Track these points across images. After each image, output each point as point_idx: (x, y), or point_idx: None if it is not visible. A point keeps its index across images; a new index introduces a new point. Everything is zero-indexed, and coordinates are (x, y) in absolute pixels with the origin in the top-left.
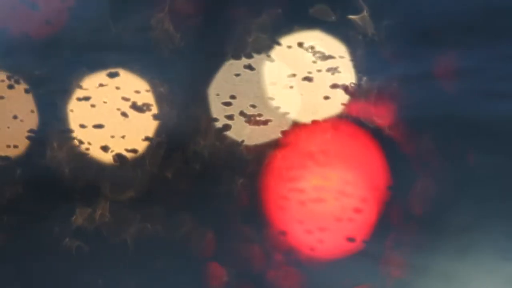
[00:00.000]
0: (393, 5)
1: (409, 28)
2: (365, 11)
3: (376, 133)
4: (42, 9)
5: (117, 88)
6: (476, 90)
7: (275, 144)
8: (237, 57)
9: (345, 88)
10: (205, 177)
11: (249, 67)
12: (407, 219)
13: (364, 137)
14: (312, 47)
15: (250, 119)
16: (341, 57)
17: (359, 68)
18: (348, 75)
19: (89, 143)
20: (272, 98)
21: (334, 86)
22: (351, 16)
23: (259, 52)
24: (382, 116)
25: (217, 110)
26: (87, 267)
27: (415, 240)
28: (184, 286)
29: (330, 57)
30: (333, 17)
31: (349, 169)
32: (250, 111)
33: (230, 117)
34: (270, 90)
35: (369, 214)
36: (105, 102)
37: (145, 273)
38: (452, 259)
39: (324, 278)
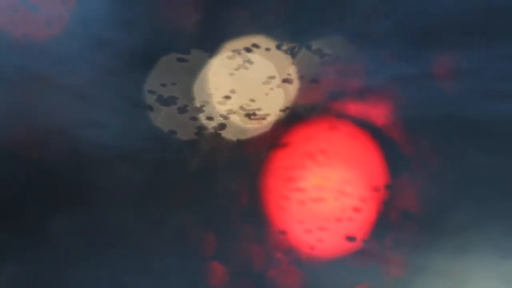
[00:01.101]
0: (393, 5)
1: (409, 28)
2: (364, 11)
3: (375, 133)
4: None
5: None
6: (476, 90)
7: (268, 145)
8: (216, 57)
9: (342, 89)
10: (205, 176)
11: (230, 66)
12: (406, 218)
13: (364, 137)
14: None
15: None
16: (336, 57)
17: (359, 68)
18: (343, 76)
19: None
20: (253, 100)
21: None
22: (349, 16)
23: (239, 53)
24: (381, 116)
25: (211, 108)
26: (85, 266)
27: (415, 239)
28: (184, 286)
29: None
30: (331, 18)
31: (349, 169)
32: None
33: (222, 115)
34: (253, 90)
35: (368, 214)
36: None
37: (145, 273)
38: (452, 259)
39: (324, 277)
